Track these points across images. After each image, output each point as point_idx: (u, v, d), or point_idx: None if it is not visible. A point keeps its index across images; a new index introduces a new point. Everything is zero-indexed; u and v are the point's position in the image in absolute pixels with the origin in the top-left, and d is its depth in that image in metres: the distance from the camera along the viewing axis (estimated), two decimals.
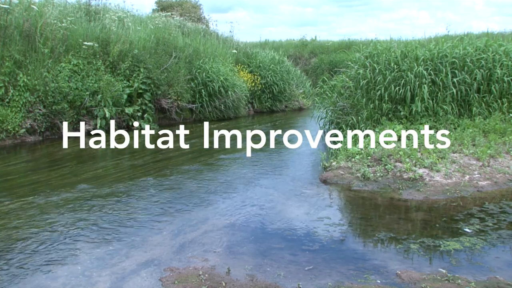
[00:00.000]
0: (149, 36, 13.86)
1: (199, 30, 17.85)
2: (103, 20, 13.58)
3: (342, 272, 4.40)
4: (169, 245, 5.06)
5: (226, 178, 7.88)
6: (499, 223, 5.65)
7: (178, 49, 14.42)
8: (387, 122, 9.72)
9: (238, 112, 15.77)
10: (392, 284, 4.13)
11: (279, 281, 4.21)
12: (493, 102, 9.92)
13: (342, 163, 8.09)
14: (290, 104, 18.57)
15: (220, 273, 4.36)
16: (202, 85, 14.55)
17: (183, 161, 9.11)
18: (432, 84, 9.95)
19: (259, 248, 4.97)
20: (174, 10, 21.42)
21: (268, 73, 17.60)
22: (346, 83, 11.62)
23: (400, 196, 6.74)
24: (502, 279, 4.21)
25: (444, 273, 4.32)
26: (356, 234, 5.49)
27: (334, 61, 25.29)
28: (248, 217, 5.93)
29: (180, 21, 17.55)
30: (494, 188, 7.07)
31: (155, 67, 13.20)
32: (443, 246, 4.98)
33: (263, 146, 10.72)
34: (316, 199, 6.71)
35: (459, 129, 9.34)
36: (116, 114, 12.26)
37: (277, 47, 26.42)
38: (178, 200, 6.64)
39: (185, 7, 22.79)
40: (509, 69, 10.02)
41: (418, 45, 11.19)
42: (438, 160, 7.80)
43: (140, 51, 13.06)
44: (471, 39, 11.61)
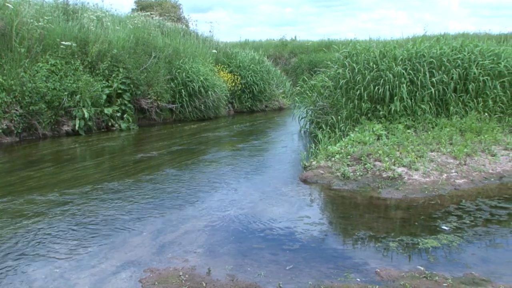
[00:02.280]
0: (128, 36, 13.75)
1: (179, 30, 17.77)
2: (81, 19, 13.43)
3: (322, 271, 4.42)
4: (149, 246, 5.03)
5: (206, 178, 7.86)
6: (475, 220, 5.74)
7: (157, 49, 14.35)
8: (366, 122, 9.81)
9: (218, 112, 15.75)
10: (371, 282, 4.17)
11: (259, 280, 4.22)
12: (470, 101, 10.09)
13: (322, 163, 8.13)
14: (270, 104, 18.60)
15: (200, 274, 4.35)
16: (182, 85, 14.49)
17: (163, 161, 9.06)
18: (410, 84, 10.07)
19: (240, 248, 4.97)
20: (153, 10, 21.28)
21: (248, 73, 17.61)
22: (325, 82, 11.69)
23: (380, 195, 6.80)
24: (478, 274, 4.29)
25: (422, 270, 4.38)
26: (336, 233, 5.52)
27: (314, 61, 25.42)
28: (229, 217, 5.93)
29: (159, 21, 17.45)
30: (470, 186, 7.18)
31: (134, 67, 13.11)
32: (421, 243, 5.04)
33: (243, 146, 10.75)
34: (296, 198, 6.74)
35: (436, 128, 9.46)
36: (95, 114, 12.14)
37: (257, 47, 26.44)
38: (158, 201, 6.61)
39: (164, 7, 22.67)
40: (484, 69, 10.19)
41: (396, 45, 11.32)
42: (417, 159, 7.89)
43: (119, 51, 12.96)
44: (447, 39, 11.80)
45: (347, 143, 8.71)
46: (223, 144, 11.17)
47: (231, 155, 9.72)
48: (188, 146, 10.64)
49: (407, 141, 8.61)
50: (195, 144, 10.91)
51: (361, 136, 8.89)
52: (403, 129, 9.35)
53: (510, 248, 4.95)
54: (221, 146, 10.89)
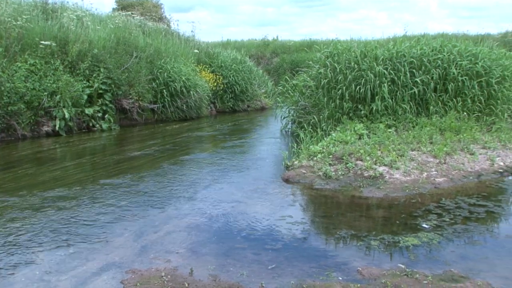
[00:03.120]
0: (109, 36, 13.63)
1: (160, 29, 17.68)
2: (60, 18, 13.28)
3: (304, 270, 4.44)
4: (131, 247, 5.00)
5: (188, 178, 7.84)
6: (454, 218, 5.82)
7: (139, 49, 14.25)
8: (348, 121, 9.87)
9: (200, 112, 15.70)
10: (353, 281, 4.20)
11: (242, 280, 4.22)
12: (449, 101, 10.21)
13: (304, 162, 8.16)
14: (252, 103, 18.60)
15: (182, 274, 4.34)
16: (164, 85, 14.41)
17: (145, 162, 9.01)
18: (391, 83, 10.15)
19: (222, 248, 4.97)
20: (134, 9, 21.15)
21: (230, 73, 17.58)
22: (307, 82, 11.74)
23: (361, 194, 6.85)
24: (457, 271, 4.35)
25: (403, 268, 4.42)
26: (318, 232, 5.55)
27: (295, 60, 25.50)
28: (211, 217, 5.92)
29: (140, 20, 17.34)
30: (450, 184, 7.28)
31: (115, 67, 13.00)
32: (402, 242, 5.09)
33: (225, 146, 10.75)
34: (278, 198, 6.75)
35: (417, 127, 9.56)
36: (76, 114, 12.01)
37: (239, 47, 26.43)
38: (140, 201, 6.57)
39: (146, 7, 22.52)
40: (463, 69, 10.32)
41: (377, 45, 11.40)
42: (398, 158, 7.96)
43: (100, 50, 12.83)
44: (427, 39, 11.91)
45: (329, 143, 8.75)
46: (205, 144, 11.15)
47: (213, 155, 9.70)
48: (170, 146, 10.60)
49: (388, 140, 8.69)
50: (177, 144, 10.87)
51: (342, 136, 8.94)
52: (384, 128, 9.42)
53: (488, 245, 5.03)
54: (203, 146, 10.87)
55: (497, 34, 21.60)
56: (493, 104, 10.54)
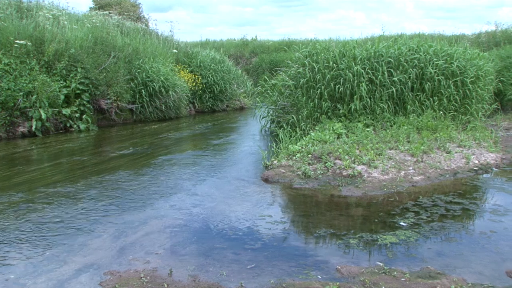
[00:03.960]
0: (86, 35, 13.49)
1: (139, 29, 17.55)
2: (36, 17, 13.09)
3: (284, 269, 4.46)
4: (109, 248, 4.95)
5: (167, 179, 7.80)
6: (431, 216, 5.90)
7: (117, 49, 14.13)
8: (326, 120, 9.93)
9: (179, 112, 15.64)
10: (332, 279, 4.23)
11: (221, 280, 4.22)
12: (426, 100, 10.35)
13: (283, 162, 8.19)
14: (232, 103, 18.60)
15: (162, 275, 4.32)
16: (142, 85, 14.32)
17: (123, 162, 8.94)
18: (369, 83, 10.24)
19: (202, 249, 4.96)
20: (112, 8, 20.95)
21: (209, 73, 17.56)
22: (286, 82, 11.77)
23: (340, 192, 6.90)
24: (433, 268, 4.42)
25: (381, 266, 4.47)
26: (298, 231, 5.57)
27: (274, 60, 25.53)
28: (190, 218, 5.90)
29: (118, 20, 17.19)
30: (427, 182, 7.38)
31: (93, 67, 12.87)
32: (380, 240, 5.14)
33: (205, 146, 10.73)
34: (258, 197, 6.76)
35: (395, 126, 9.67)
36: (53, 115, 11.85)
37: (218, 46, 26.37)
38: (118, 202, 6.51)
39: (123, 6, 22.33)
40: (439, 69, 10.46)
41: (356, 45, 11.49)
42: (376, 157, 8.04)
43: (77, 50, 12.69)
44: (404, 39, 12.04)
45: (307, 142, 8.80)
46: (184, 144, 11.10)
47: (192, 155, 9.67)
48: (148, 146, 10.53)
49: (366, 140, 8.76)
50: (156, 144, 10.80)
51: (321, 135, 8.99)
52: (362, 127, 9.50)
53: (463, 242, 5.11)
54: (182, 146, 10.82)
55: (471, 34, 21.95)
56: (468, 103, 10.74)
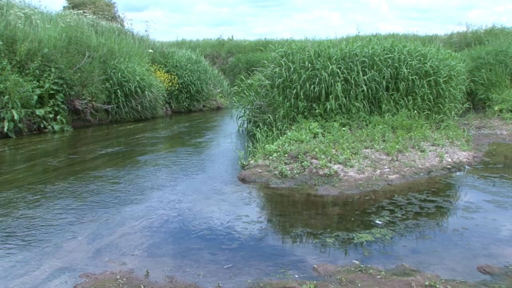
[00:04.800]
0: (60, 35, 13.29)
1: (114, 29, 17.39)
2: (7, 16, 12.85)
3: (261, 268, 4.47)
4: (85, 250, 4.90)
5: (143, 179, 7.75)
6: (406, 214, 5.99)
7: (91, 49, 13.96)
8: (303, 120, 9.98)
9: (155, 113, 15.55)
10: (309, 278, 4.26)
11: (198, 281, 4.21)
12: (400, 99, 10.49)
13: (260, 161, 8.21)
14: (208, 103, 18.58)
15: (138, 276, 4.29)
16: (118, 85, 14.19)
17: (99, 163, 8.84)
18: (345, 82, 10.33)
19: (178, 249, 4.94)
20: (86, 8, 20.73)
21: (185, 73, 17.50)
22: (262, 82, 11.80)
23: (317, 192, 6.94)
24: (408, 265, 4.49)
25: (357, 264, 4.52)
26: (275, 231, 5.59)
27: (251, 60, 25.56)
28: (167, 218, 5.88)
29: (93, 19, 16.99)
30: (402, 181, 7.49)
31: (67, 67, 12.69)
32: (357, 238, 5.20)
33: (181, 146, 10.69)
34: (234, 197, 6.77)
35: (370, 125, 9.77)
36: (26, 116, 11.65)
37: (194, 46, 26.30)
38: (94, 203, 6.45)
39: (98, 5, 22.11)
40: (413, 69, 10.62)
41: (331, 44, 11.58)
42: (352, 156, 8.12)
43: (51, 50, 12.50)
44: (379, 39, 12.19)
45: (284, 142, 8.84)
46: (161, 145, 11.04)
47: (168, 156, 9.62)
48: (124, 147, 10.44)
49: (342, 139, 8.84)
50: (132, 145, 10.72)
51: (298, 135, 9.04)
52: (338, 127, 9.59)
53: (437, 239, 5.21)
54: (158, 147, 10.76)
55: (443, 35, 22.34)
56: (441, 102, 10.93)
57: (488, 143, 10.41)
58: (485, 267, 4.44)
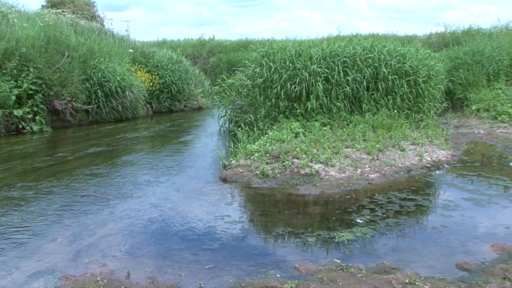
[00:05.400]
0: (38, 34, 13.11)
1: (94, 28, 17.23)
2: None
3: (242, 268, 4.48)
4: (65, 252, 4.85)
5: (124, 180, 7.70)
6: (387, 212, 6.05)
7: (71, 48, 13.81)
8: (284, 120, 10.01)
9: (136, 113, 15.45)
10: (290, 277, 4.27)
11: (180, 281, 4.20)
12: (380, 99, 10.58)
13: (241, 161, 8.21)
14: (189, 103, 18.53)
15: (119, 278, 4.27)
16: (98, 85, 14.06)
17: (79, 164, 8.75)
18: (325, 82, 10.39)
19: (160, 250, 4.92)
20: (65, 7, 20.51)
21: (166, 73, 17.43)
22: (243, 82, 11.80)
23: (298, 191, 6.97)
24: (388, 264, 4.54)
25: (339, 263, 4.55)
26: (256, 231, 5.60)
27: (232, 60, 25.56)
28: (148, 219, 5.85)
29: (72, 19, 16.82)
30: (382, 180, 7.56)
31: (46, 66, 12.53)
32: (338, 237, 5.23)
33: (162, 146, 10.64)
34: (216, 198, 6.76)
35: (351, 125, 9.84)
36: (4, 116, 11.48)
37: (175, 46, 26.18)
38: (74, 205, 6.38)
39: (77, 5, 21.89)
40: (392, 68, 10.72)
41: (312, 44, 11.63)
42: (333, 155, 8.17)
43: (29, 49, 12.32)
44: (359, 39, 12.28)
45: (265, 142, 8.85)
46: (142, 145, 10.98)
47: (149, 156, 9.57)
48: (105, 147, 10.35)
49: (323, 138, 8.89)
50: (112, 145, 10.64)
51: (279, 134, 9.06)
52: (319, 126, 9.63)
53: (417, 237, 5.27)
54: (139, 147, 10.69)
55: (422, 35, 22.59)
56: (421, 102, 11.06)
57: (466, 142, 10.56)
58: (463, 264, 4.51)
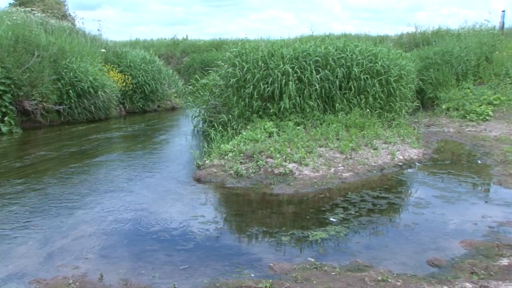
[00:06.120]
0: (6, 33, 12.83)
1: (64, 28, 16.93)
2: None
3: (217, 268, 4.48)
4: (36, 255, 4.77)
5: (97, 181, 7.60)
6: (360, 211, 6.12)
7: (41, 48, 13.53)
8: (257, 120, 10.03)
9: (109, 113, 15.26)
10: (265, 277, 4.29)
11: (154, 283, 4.18)
12: (353, 98, 10.68)
13: (216, 161, 8.20)
14: (163, 103, 18.41)
15: (92, 280, 4.21)
16: (70, 85, 13.83)
17: (51, 166, 8.61)
18: (298, 82, 10.44)
19: (133, 251, 4.88)
20: (34, 5, 20.12)
21: (139, 73, 17.27)
22: (217, 82, 11.78)
23: (272, 191, 7.00)
24: (362, 261, 4.59)
25: (313, 261, 4.59)
26: (231, 231, 5.60)
27: (206, 60, 25.45)
28: (121, 220, 5.79)
29: (42, 17, 16.49)
30: (355, 178, 7.64)
31: (15, 66, 12.29)
32: (311, 236, 5.27)
33: (135, 147, 10.55)
34: (190, 198, 6.74)
35: (324, 124, 9.91)
36: None
37: (148, 46, 25.94)
38: (45, 207, 6.28)
39: (47, 3, 21.51)
40: (364, 68, 10.83)
41: (284, 44, 11.67)
42: (307, 155, 8.22)
43: None
44: (331, 39, 12.37)
45: (239, 141, 8.86)
46: (115, 145, 10.86)
47: (122, 157, 9.48)
48: (77, 148, 10.20)
49: (297, 138, 8.94)
50: (85, 146, 10.49)
51: (253, 134, 9.07)
52: (293, 126, 9.68)
53: (389, 235, 5.35)
54: (112, 147, 10.58)
55: (394, 35, 22.86)
56: (393, 101, 11.20)
57: (437, 140, 10.75)
58: (434, 260, 4.60)
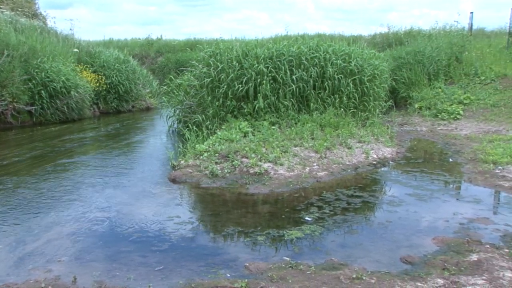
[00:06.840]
0: None
1: (35, 27, 16.61)
2: None
3: (192, 269, 4.46)
4: (6, 259, 4.68)
5: (70, 183, 7.50)
6: (334, 210, 6.17)
7: (10, 47, 13.28)
8: (232, 119, 10.02)
9: (82, 114, 15.04)
10: (241, 276, 4.29)
11: (129, 284, 4.14)
12: (327, 98, 10.75)
13: (191, 161, 8.16)
14: (137, 104, 18.24)
15: (65, 283, 4.15)
16: (42, 85, 13.58)
17: (22, 167, 8.46)
18: (273, 81, 10.46)
19: (108, 253, 4.83)
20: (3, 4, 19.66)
21: (113, 73, 17.06)
22: (191, 82, 11.73)
23: (247, 190, 7.00)
24: (337, 260, 4.63)
25: (288, 261, 4.60)
26: (206, 231, 5.59)
27: (180, 60, 25.33)
28: (95, 222, 5.72)
29: (11, 16, 16.16)
30: (330, 178, 7.69)
31: None
32: (287, 235, 5.29)
33: (109, 147, 10.44)
34: (165, 198, 6.70)
35: (299, 124, 9.95)
36: None
37: (122, 46, 25.69)
38: (17, 209, 6.16)
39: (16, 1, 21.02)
40: (338, 68, 10.91)
41: (258, 44, 11.68)
42: (282, 154, 8.24)
43: None
44: (305, 39, 12.43)
45: (214, 141, 8.84)
46: (88, 146, 10.72)
47: (96, 158, 9.37)
48: (49, 150, 10.04)
49: (272, 137, 8.96)
50: (57, 147, 10.33)
51: (228, 134, 9.06)
52: (268, 125, 9.70)
53: (363, 233, 5.41)
54: (85, 148, 10.44)
55: (367, 35, 23.07)
56: (366, 100, 11.32)
57: (410, 139, 10.91)
58: (407, 258, 4.67)
